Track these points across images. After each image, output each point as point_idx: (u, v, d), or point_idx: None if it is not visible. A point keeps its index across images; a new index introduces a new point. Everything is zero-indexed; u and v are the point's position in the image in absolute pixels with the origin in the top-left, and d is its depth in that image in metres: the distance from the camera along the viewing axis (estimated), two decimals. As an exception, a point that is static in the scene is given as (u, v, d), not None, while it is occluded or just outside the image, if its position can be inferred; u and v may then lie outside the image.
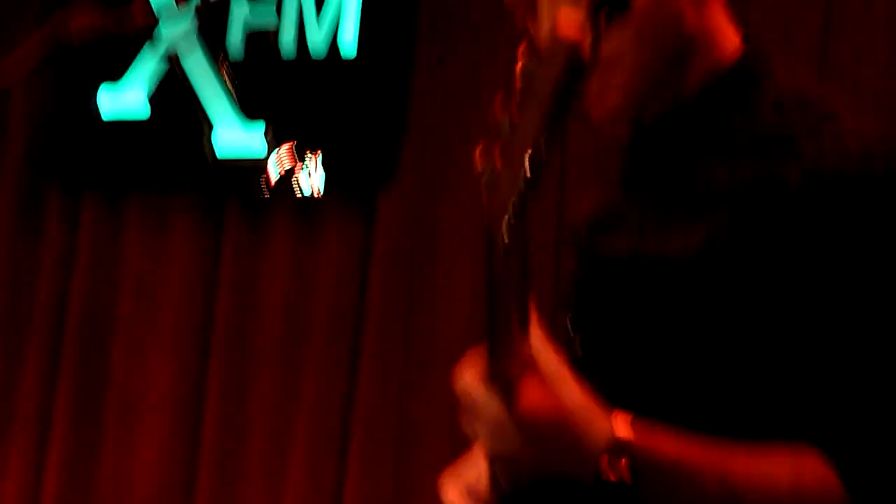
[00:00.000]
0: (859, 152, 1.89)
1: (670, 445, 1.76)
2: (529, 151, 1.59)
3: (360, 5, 5.14)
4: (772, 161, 1.91)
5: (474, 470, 2.22)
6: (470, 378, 1.72)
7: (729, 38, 2.07)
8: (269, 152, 5.23)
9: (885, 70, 4.50)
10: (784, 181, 1.88)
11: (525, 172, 1.59)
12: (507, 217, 1.61)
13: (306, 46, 5.21)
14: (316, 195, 5.20)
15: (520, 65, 1.63)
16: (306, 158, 5.18)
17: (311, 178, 5.18)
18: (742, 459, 1.79)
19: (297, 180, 5.18)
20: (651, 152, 2.10)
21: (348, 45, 5.17)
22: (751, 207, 1.90)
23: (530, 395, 1.68)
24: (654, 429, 1.76)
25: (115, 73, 5.37)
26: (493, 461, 1.82)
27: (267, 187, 5.20)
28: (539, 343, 1.70)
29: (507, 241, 1.62)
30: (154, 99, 5.37)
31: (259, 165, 5.22)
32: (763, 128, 1.97)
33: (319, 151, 5.17)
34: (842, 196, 1.86)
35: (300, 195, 5.21)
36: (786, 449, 1.80)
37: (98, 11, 2.00)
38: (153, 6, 5.23)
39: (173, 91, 5.34)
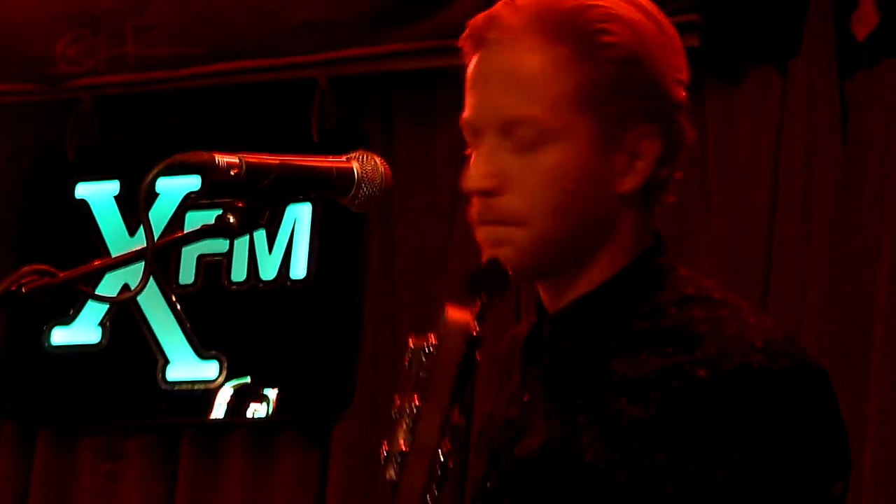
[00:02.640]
0: (761, 347, 1.95)
1: None
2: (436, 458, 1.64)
3: (310, 234, 5.18)
4: (678, 355, 1.96)
5: None
6: None
7: (638, 237, 2.11)
8: (223, 383, 5.23)
9: (822, 295, 4.58)
10: (694, 375, 1.93)
11: (436, 465, 1.63)
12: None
13: (258, 274, 5.24)
14: (269, 424, 5.21)
15: (411, 351, 1.69)
16: (261, 392, 5.20)
17: (265, 407, 5.18)
18: None
19: (252, 409, 5.19)
20: (557, 341, 2.12)
21: (299, 271, 5.20)
22: (660, 400, 1.94)
23: None
24: None
25: (66, 312, 5.38)
26: None
27: (220, 415, 5.21)
28: None
29: None
30: (106, 331, 5.38)
31: (212, 394, 5.22)
32: (667, 323, 2.01)
33: (275, 387, 5.20)
34: (747, 389, 1.92)
35: (253, 422, 5.20)
36: None
37: (47, 270, 2.02)
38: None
39: (126, 323, 5.34)
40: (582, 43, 2.05)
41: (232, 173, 2.01)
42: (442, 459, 1.64)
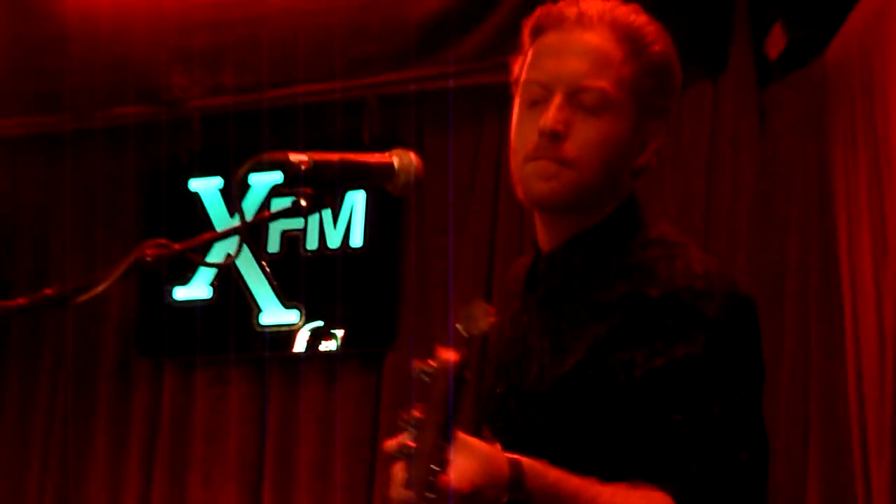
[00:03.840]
0: (702, 274, 1.94)
1: (554, 473, 1.78)
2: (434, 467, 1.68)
3: (364, 213, 5.18)
4: (638, 283, 1.96)
5: None
6: (395, 486, 1.73)
7: (617, 199, 2.10)
8: (301, 326, 5.23)
9: (748, 256, 4.57)
10: (647, 296, 1.93)
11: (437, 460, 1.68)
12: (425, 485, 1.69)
13: (326, 243, 5.23)
14: (337, 356, 5.21)
15: (415, 371, 1.72)
16: (330, 332, 5.20)
17: (334, 343, 5.19)
18: (610, 489, 1.81)
19: (324, 345, 5.19)
20: (549, 275, 2.11)
21: (356, 241, 5.19)
22: (622, 316, 1.94)
23: (458, 465, 1.70)
24: (545, 463, 1.79)
25: (184, 275, 5.41)
26: None
27: (300, 350, 5.21)
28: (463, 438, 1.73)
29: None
30: (214, 288, 5.39)
31: (294, 334, 5.22)
32: (633, 260, 2.01)
33: (340, 325, 5.20)
34: (690, 303, 1.91)
35: (325, 354, 5.21)
36: (642, 488, 1.83)
37: (167, 244, 2.01)
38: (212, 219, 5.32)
39: (228, 282, 5.34)
40: (639, 47, 2.06)
41: (303, 168, 2.00)
42: (435, 466, 1.68)
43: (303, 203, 2.03)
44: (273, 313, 5.27)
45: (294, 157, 1.99)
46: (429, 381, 1.68)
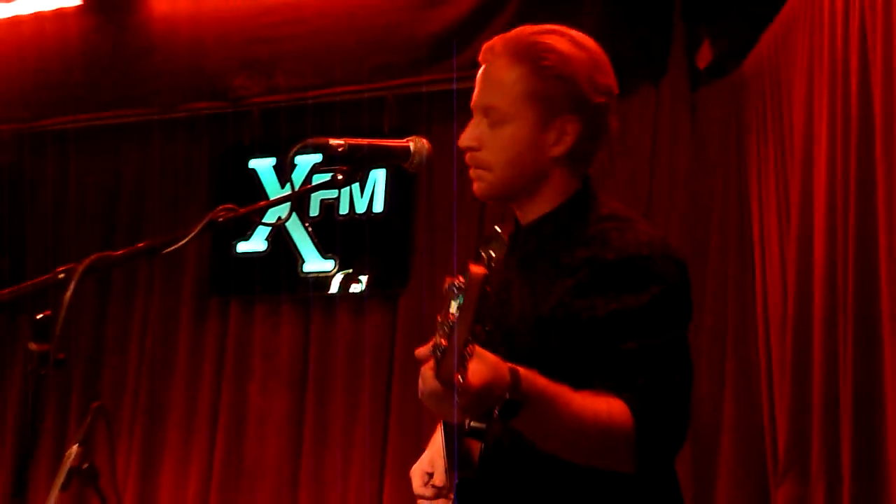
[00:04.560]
0: (647, 242, 1.95)
1: (542, 380, 1.77)
2: (466, 340, 1.63)
3: (385, 185, 5.15)
4: (596, 249, 1.96)
5: (428, 456, 2.25)
6: (425, 382, 1.70)
7: (566, 183, 2.08)
8: (336, 273, 5.22)
9: (679, 230, 4.55)
10: (605, 259, 1.93)
11: (463, 357, 1.63)
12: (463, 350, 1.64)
13: (355, 209, 5.20)
14: (363, 296, 5.19)
15: (449, 285, 1.66)
16: (357, 277, 5.18)
17: (361, 286, 5.18)
18: (581, 393, 1.82)
19: (353, 287, 5.18)
20: (525, 242, 2.11)
21: (378, 208, 5.16)
22: (585, 273, 1.95)
23: (472, 368, 1.67)
24: (534, 372, 1.77)
25: (245, 232, 5.39)
26: (446, 422, 1.79)
27: (335, 291, 5.20)
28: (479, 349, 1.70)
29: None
30: (269, 243, 5.36)
31: (330, 279, 5.21)
32: (591, 231, 2.00)
33: (365, 271, 5.18)
34: (639, 264, 1.93)
35: (353, 295, 5.19)
36: (603, 395, 1.84)
37: (235, 207, 2.00)
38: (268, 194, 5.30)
39: (280, 238, 5.32)
40: (532, 64, 2.03)
41: (340, 150, 2.00)
42: (466, 354, 1.63)
43: (339, 177, 2.03)
44: (314, 263, 5.25)
45: (333, 141, 2.01)
46: (458, 293, 1.64)
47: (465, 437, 1.94)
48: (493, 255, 1.68)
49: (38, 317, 1.79)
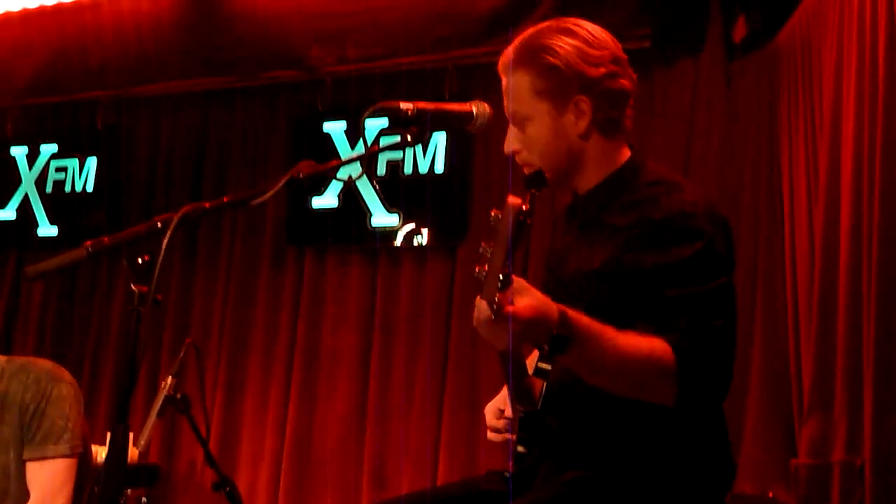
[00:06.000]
0: (692, 202, 1.96)
1: (587, 318, 1.79)
2: (503, 273, 1.63)
3: (445, 147, 5.13)
4: (645, 210, 1.97)
5: (501, 396, 2.27)
6: (479, 311, 1.70)
7: (607, 153, 2.09)
8: (401, 227, 5.23)
9: (719, 191, 4.50)
10: (652, 218, 1.95)
11: (500, 281, 1.64)
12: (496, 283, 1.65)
13: (418, 169, 5.20)
14: (425, 248, 5.20)
15: (493, 217, 1.68)
16: (420, 230, 5.19)
17: (423, 238, 5.18)
18: (625, 332, 1.83)
19: (416, 239, 5.19)
20: (584, 209, 2.13)
21: (440, 168, 5.15)
22: (634, 232, 1.96)
23: (522, 300, 1.68)
24: (580, 311, 1.79)
25: (320, 188, 5.40)
26: (502, 357, 1.80)
27: (399, 243, 5.21)
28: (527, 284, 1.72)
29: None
30: (340, 198, 5.38)
31: (396, 232, 5.22)
32: (641, 194, 2.02)
33: (427, 225, 5.19)
34: (683, 221, 1.93)
35: (416, 247, 5.20)
36: (646, 335, 1.85)
37: (313, 164, 2.01)
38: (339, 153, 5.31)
39: (351, 194, 5.33)
40: (531, 66, 2.08)
41: (409, 113, 2.01)
42: (502, 277, 1.63)
43: (407, 138, 2.04)
44: (381, 217, 5.26)
45: (403, 104, 2.02)
46: (497, 223, 1.64)
47: (531, 377, 1.95)
48: (535, 192, 1.68)
49: (140, 260, 1.82)
